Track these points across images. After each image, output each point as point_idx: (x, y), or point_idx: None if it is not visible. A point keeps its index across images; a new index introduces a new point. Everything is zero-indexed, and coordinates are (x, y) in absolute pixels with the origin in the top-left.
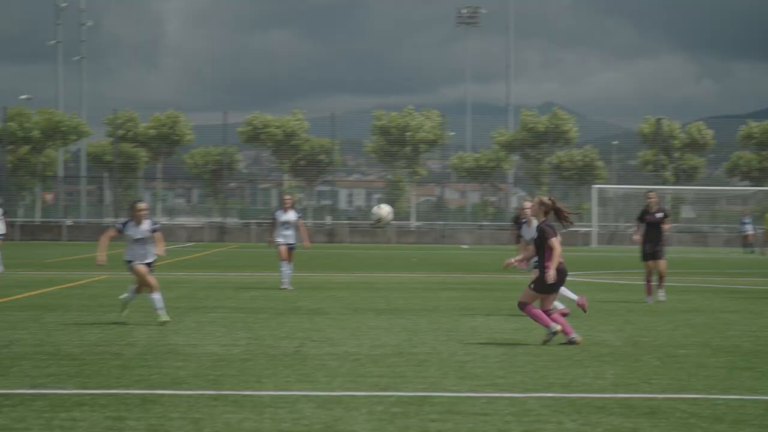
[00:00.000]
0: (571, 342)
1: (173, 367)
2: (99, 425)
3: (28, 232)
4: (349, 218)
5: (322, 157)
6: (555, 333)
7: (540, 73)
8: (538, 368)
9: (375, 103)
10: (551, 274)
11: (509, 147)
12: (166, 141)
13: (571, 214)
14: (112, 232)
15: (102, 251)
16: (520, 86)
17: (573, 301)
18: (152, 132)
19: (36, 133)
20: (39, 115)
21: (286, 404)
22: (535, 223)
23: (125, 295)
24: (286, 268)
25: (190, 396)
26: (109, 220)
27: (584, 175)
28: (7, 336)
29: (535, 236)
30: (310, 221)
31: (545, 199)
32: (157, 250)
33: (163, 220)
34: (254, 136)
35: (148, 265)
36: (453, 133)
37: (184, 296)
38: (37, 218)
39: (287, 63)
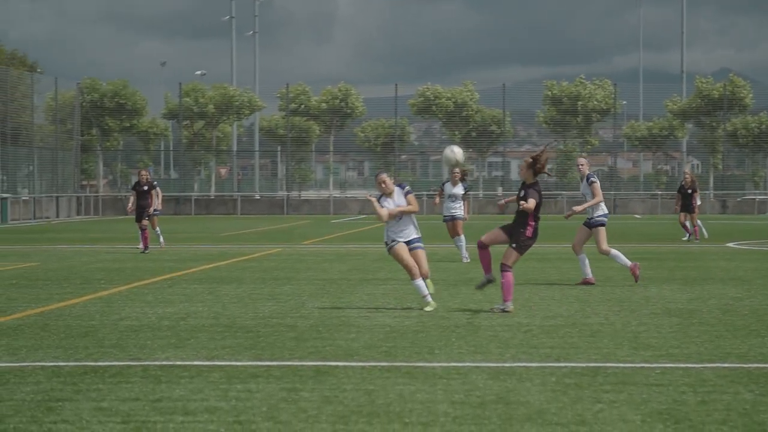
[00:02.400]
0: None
1: (346, 339)
2: (274, 396)
3: (203, 206)
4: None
5: (493, 128)
6: (505, 311)
7: (714, 40)
8: (713, 338)
9: (546, 73)
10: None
11: (683, 115)
12: (337, 114)
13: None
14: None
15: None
16: (694, 53)
17: (626, 267)
18: (324, 105)
19: (210, 108)
20: (213, 90)
21: (458, 375)
22: (585, 180)
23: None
24: (459, 242)
25: (363, 368)
26: (282, 193)
27: (760, 142)
28: (184, 308)
29: (521, 198)
30: (480, 192)
31: (529, 160)
32: (407, 208)
33: (335, 193)
34: (425, 108)
35: (407, 242)
36: (625, 102)
37: (356, 268)
38: (212, 192)
39: (458, 34)
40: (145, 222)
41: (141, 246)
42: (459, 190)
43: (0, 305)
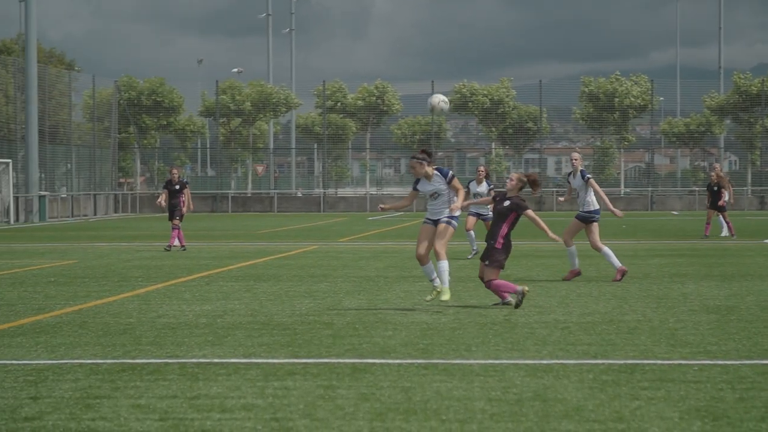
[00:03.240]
0: (506, 303)
1: (383, 336)
2: (311, 394)
3: (240, 204)
4: (557, 185)
5: (529, 124)
6: (522, 294)
7: (752, 35)
8: (751, 335)
9: (582, 70)
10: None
11: (720, 111)
12: (374, 111)
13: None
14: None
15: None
16: (732, 48)
17: (573, 268)
18: (360, 103)
19: (247, 106)
20: (250, 88)
21: (495, 372)
22: (579, 176)
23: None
24: (473, 237)
25: (400, 365)
26: (318, 191)
27: None
28: (221, 306)
29: (504, 207)
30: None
31: (523, 176)
32: (454, 206)
33: (372, 191)
34: (462, 105)
35: (435, 222)
36: (662, 98)
37: (393, 266)
38: (249, 190)
39: (494, 30)
40: (177, 221)
41: (172, 242)
42: (483, 188)
43: (38, 303)
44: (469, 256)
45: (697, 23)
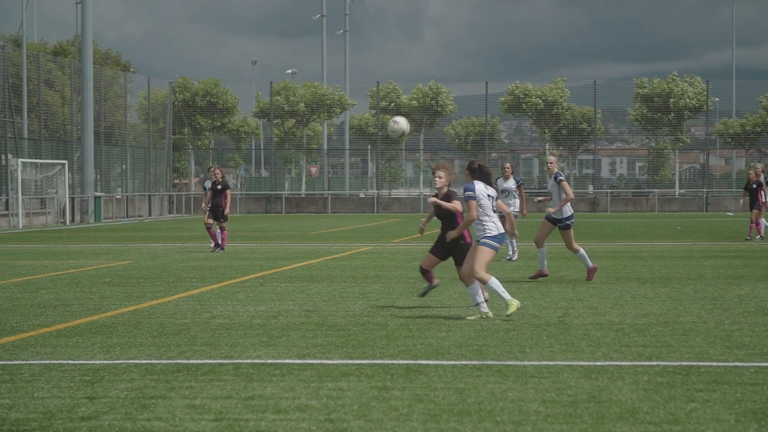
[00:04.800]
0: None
1: (437, 338)
2: (365, 395)
3: (294, 205)
4: (612, 187)
5: (583, 125)
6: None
7: None
8: None
9: (637, 70)
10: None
11: None
12: (428, 112)
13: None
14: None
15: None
16: None
17: (587, 267)
18: (414, 103)
19: (301, 107)
20: (304, 89)
21: (549, 374)
22: (552, 178)
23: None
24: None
25: (454, 366)
26: (372, 192)
27: None
28: (275, 307)
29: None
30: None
31: (450, 167)
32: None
33: (426, 191)
34: (515, 106)
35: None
36: (717, 99)
37: (446, 266)
38: (303, 191)
39: (549, 31)
40: (223, 223)
41: (224, 243)
42: (511, 184)
43: (94, 303)
44: (508, 259)
45: (753, 23)
